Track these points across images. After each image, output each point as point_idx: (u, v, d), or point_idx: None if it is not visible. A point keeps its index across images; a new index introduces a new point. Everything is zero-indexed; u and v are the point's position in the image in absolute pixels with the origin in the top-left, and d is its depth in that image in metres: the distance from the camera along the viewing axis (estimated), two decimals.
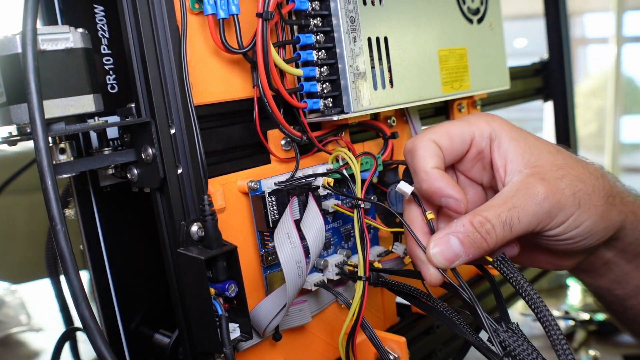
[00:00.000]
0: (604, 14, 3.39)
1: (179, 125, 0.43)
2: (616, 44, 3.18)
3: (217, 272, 0.43)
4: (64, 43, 0.39)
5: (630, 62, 3.48)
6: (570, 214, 0.46)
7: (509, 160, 0.48)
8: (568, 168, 0.48)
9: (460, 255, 0.44)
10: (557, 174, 0.47)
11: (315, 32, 0.50)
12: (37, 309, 1.12)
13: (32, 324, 1.07)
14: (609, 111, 3.29)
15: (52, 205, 0.36)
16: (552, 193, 0.45)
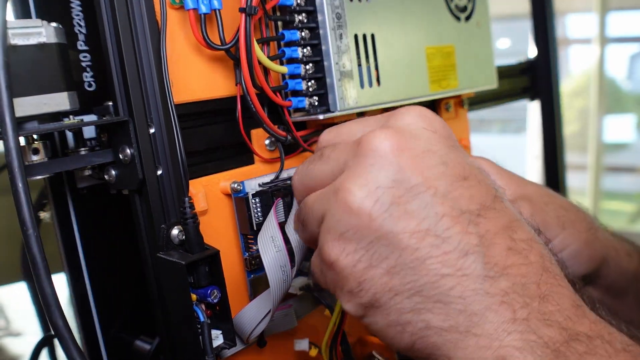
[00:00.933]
0: (586, 15, 3.42)
1: (158, 124, 0.41)
2: (599, 45, 3.20)
3: (199, 277, 0.41)
4: (36, 37, 0.37)
5: (612, 63, 3.51)
6: (555, 235, 0.47)
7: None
8: (552, 197, 0.50)
9: None
10: (542, 199, 0.49)
11: (300, 29, 0.49)
12: (16, 313, 1.09)
13: (11, 328, 1.04)
14: (592, 111, 3.31)
15: (23, 208, 0.34)
16: (538, 212, 0.46)
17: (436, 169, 0.34)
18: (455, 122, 0.72)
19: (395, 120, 0.36)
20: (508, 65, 0.93)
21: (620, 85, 4.05)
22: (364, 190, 0.33)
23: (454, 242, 0.32)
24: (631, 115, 4.03)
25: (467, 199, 0.33)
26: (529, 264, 0.33)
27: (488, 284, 0.32)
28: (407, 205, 0.33)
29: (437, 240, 0.32)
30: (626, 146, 3.97)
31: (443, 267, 0.32)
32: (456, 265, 0.32)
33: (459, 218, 0.33)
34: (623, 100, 4.10)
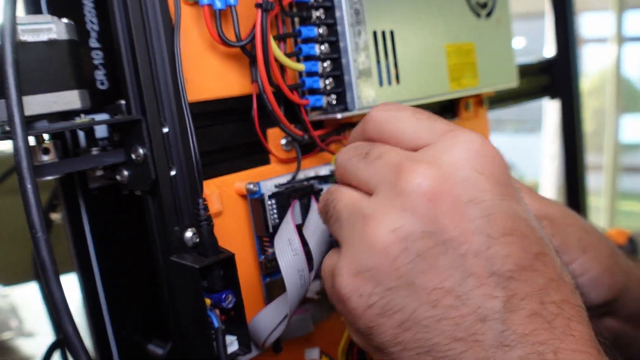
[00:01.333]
0: (602, 13, 3.37)
1: (171, 123, 0.40)
2: (616, 43, 3.16)
3: (213, 281, 0.40)
4: (47, 34, 0.36)
5: (628, 62, 3.47)
6: (575, 258, 0.46)
7: None
8: (574, 219, 0.49)
9: None
10: (564, 221, 0.48)
11: (318, 25, 0.47)
12: (29, 313, 1.09)
13: (24, 329, 1.04)
14: (609, 111, 3.27)
15: (32, 210, 0.33)
16: (559, 233, 0.46)
17: (476, 222, 0.31)
18: (474, 122, 0.71)
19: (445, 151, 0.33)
20: (527, 64, 0.91)
21: (635, 85, 4.00)
22: (393, 235, 0.31)
23: (473, 305, 0.30)
24: None
25: (503, 258, 0.31)
26: (551, 330, 0.30)
27: (501, 352, 0.30)
28: (435, 259, 0.31)
29: (457, 301, 0.30)
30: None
31: (456, 331, 0.30)
32: (471, 329, 0.30)
33: (487, 279, 0.30)
34: (639, 100, 4.05)
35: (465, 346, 0.30)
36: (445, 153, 0.32)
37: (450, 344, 0.30)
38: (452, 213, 0.31)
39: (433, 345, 0.30)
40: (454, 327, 0.30)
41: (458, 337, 0.30)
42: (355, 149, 0.37)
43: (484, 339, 0.30)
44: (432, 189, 0.31)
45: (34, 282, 0.89)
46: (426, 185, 0.31)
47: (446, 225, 0.31)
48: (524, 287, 0.31)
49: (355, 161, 0.36)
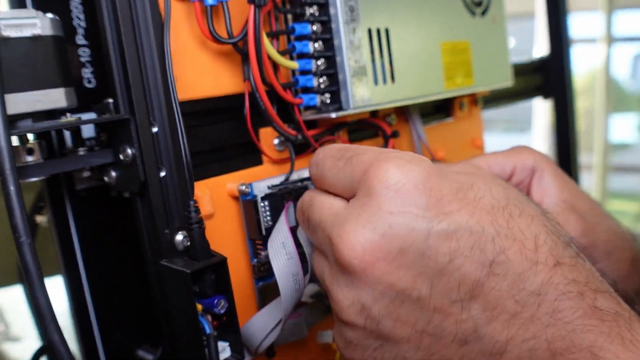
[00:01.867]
0: (591, 14, 3.39)
1: (161, 122, 0.39)
2: (606, 44, 3.17)
3: (205, 286, 0.39)
4: (30, 29, 0.35)
5: (616, 62, 3.49)
6: (599, 261, 0.44)
7: (548, 194, 0.47)
8: (604, 218, 0.47)
9: None
10: (594, 218, 0.46)
11: (312, 22, 0.46)
12: (15, 317, 1.07)
13: (10, 333, 1.02)
14: (598, 111, 3.28)
15: (16, 213, 0.32)
16: (589, 232, 0.44)
17: (414, 267, 0.31)
18: (468, 122, 0.70)
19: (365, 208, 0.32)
20: (521, 63, 0.90)
21: (623, 85, 4.03)
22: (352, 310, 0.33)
23: (450, 335, 0.31)
24: (634, 116, 4.01)
25: (457, 284, 0.31)
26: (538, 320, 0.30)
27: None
28: (396, 313, 0.32)
29: (434, 337, 0.32)
30: (629, 146, 3.95)
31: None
32: (458, 353, 0.31)
33: (450, 309, 0.31)
34: (626, 101, 4.08)
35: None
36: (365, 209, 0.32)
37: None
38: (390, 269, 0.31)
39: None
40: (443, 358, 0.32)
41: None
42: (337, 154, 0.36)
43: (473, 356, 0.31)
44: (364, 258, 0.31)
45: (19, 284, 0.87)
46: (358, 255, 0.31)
47: (390, 282, 0.31)
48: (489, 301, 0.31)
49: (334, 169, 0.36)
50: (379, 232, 0.31)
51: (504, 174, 0.48)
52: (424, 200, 0.31)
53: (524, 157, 0.48)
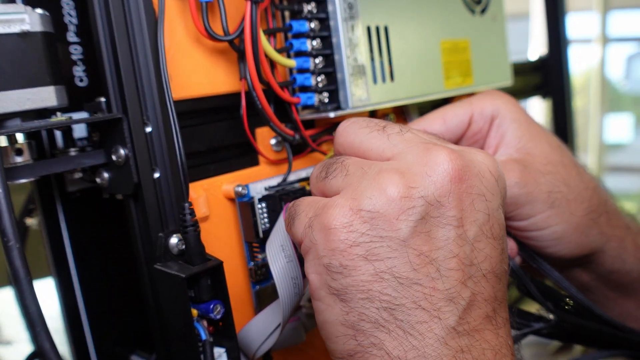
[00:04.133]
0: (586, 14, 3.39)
1: (155, 122, 0.38)
2: (601, 44, 3.18)
3: (201, 291, 0.38)
4: (19, 25, 0.33)
5: (611, 63, 3.49)
6: (539, 211, 0.44)
7: (504, 142, 0.47)
8: (560, 166, 0.46)
9: None
10: (543, 168, 0.45)
11: (310, 19, 0.45)
12: (7, 319, 1.05)
13: (1, 337, 1.01)
14: (593, 111, 3.29)
15: (4, 216, 0.31)
16: (525, 183, 0.44)
17: (477, 214, 0.33)
18: None
19: (470, 152, 0.35)
20: (520, 63, 0.89)
21: (617, 86, 4.04)
22: (407, 191, 0.32)
23: (447, 284, 0.32)
24: (628, 116, 4.02)
25: (485, 255, 0.33)
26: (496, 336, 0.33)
27: (451, 336, 0.31)
28: (433, 228, 0.32)
29: (436, 273, 0.32)
30: (624, 146, 3.96)
31: (423, 300, 0.31)
32: (436, 305, 0.32)
33: (466, 268, 0.32)
34: (620, 101, 4.09)
35: (426, 317, 0.31)
36: (470, 152, 0.35)
37: (414, 310, 0.31)
38: (463, 197, 0.33)
39: (397, 305, 0.31)
40: (422, 296, 0.31)
41: (422, 307, 0.31)
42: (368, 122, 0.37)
43: (443, 317, 0.31)
44: (455, 171, 0.33)
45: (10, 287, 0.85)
46: (451, 164, 0.33)
47: (454, 204, 0.32)
48: (489, 291, 0.33)
49: (368, 131, 0.36)
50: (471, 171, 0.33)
51: (461, 124, 0.48)
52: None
53: (484, 103, 0.48)
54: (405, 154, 0.34)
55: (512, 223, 0.45)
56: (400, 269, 0.31)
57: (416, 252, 0.32)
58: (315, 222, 0.33)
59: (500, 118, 0.47)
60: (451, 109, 0.49)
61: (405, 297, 0.31)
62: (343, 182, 0.34)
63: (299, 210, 0.35)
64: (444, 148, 0.33)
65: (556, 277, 0.47)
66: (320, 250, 0.33)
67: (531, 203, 0.44)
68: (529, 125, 0.47)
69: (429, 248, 0.32)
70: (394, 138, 0.35)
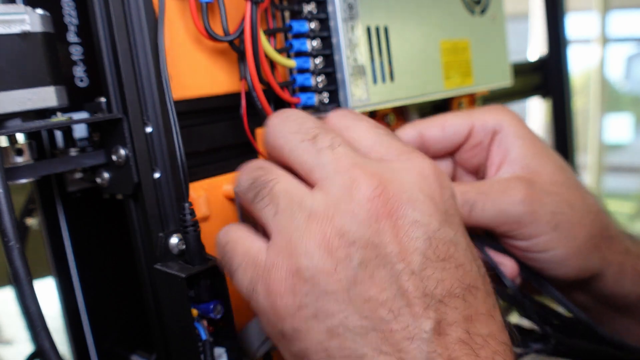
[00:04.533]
0: (585, 14, 3.39)
1: (155, 122, 0.38)
2: (600, 44, 3.18)
3: (201, 291, 0.38)
4: (19, 25, 0.33)
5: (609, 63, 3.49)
6: (542, 233, 0.43)
7: (508, 158, 0.46)
8: (564, 188, 0.45)
9: None
10: (548, 188, 0.44)
11: (310, 19, 0.45)
12: (8, 319, 1.05)
13: (2, 336, 1.01)
14: (593, 111, 3.29)
15: (4, 216, 0.31)
16: (531, 201, 0.43)
17: (417, 242, 0.31)
18: None
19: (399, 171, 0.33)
20: (520, 63, 0.89)
21: (615, 86, 4.04)
22: (340, 240, 0.31)
23: (404, 322, 0.30)
24: (627, 116, 4.03)
25: (436, 281, 0.31)
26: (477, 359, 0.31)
27: None
28: (375, 270, 0.31)
29: (389, 315, 0.30)
30: (624, 146, 3.96)
31: (384, 345, 0.30)
32: (398, 346, 0.30)
33: (420, 299, 0.31)
34: (619, 101, 4.10)
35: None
36: (399, 172, 0.33)
37: (378, 356, 0.30)
38: (396, 231, 0.31)
39: (360, 356, 0.30)
40: (382, 341, 0.30)
41: (385, 351, 0.30)
42: (300, 125, 0.35)
43: (409, 357, 0.30)
44: (382, 204, 0.31)
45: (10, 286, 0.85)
46: (378, 198, 0.31)
47: (388, 241, 0.31)
48: (453, 314, 0.31)
49: (298, 139, 0.34)
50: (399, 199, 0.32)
51: (459, 135, 0.47)
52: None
53: (486, 117, 0.47)
54: (331, 184, 0.32)
55: (514, 242, 0.45)
56: (352, 320, 0.30)
57: (363, 299, 0.30)
58: (258, 287, 0.33)
59: (503, 133, 0.47)
60: (452, 117, 0.48)
61: (365, 345, 0.30)
62: (273, 222, 0.33)
63: (234, 263, 0.34)
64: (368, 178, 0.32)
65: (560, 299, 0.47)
66: (271, 317, 0.32)
67: (535, 223, 0.43)
68: (534, 143, 0.46)
69: (376, 291, 0.31)
70: (324, 155, 0.33)
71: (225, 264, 0.35)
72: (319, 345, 0.31)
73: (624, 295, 0.49)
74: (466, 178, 0.50)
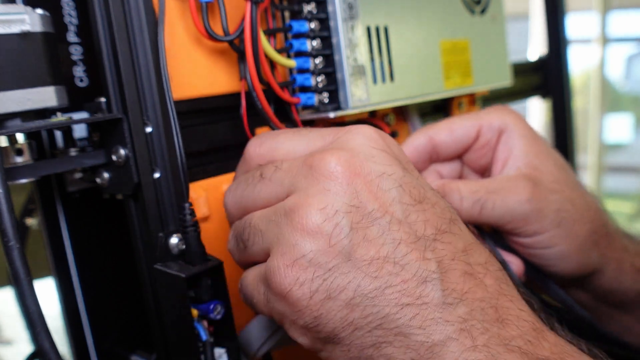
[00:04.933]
0: (585, 14, 3.39)
1: (155, 122, 0.38)
2: (600, 44, 3.18)
3: (201, 291, 0.38)
4: (19, 25, 0.33)
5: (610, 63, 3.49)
6: (546, 230, 0.44)
7: (512, 155, 0.47)
8: (566, 186, 0.46)
9: None
10: (552, 185, 0.45)
11: (310, 19, 0.45)
12: (8, 319, 1.05)
13: (2, 337, 1.01)
14: (593, 111, 3.29)
15: (4, 216, 0.31)
16: (537, 199, 0.44)
17: (391, 193, 0.33)
18: None
19: (346, 141, 0.35)
20: (520, 63, 0.89)
21: (615, 86, 4.04)
22: (322, 214, 0.31)
23: (412, 269, 0.31)
24: (627, 116, 4.02)
25: (423, 223, 0.33)
26: (485, 288, 0.32)
27: (447, 312, 0.31)
28: (366, 231, 0.32)
29: (396, 267, 0.31)
30: (624, 146, 3.96)
31: (403, 297, 0.31)
32: (415, 293, 0.31)
33: (416, 244, 0.32)
34: (619, 101, 4.10)
35: (414, 310, 0.31)
36: (347, 141, 0.34)
37: (400, 311, 0.31)
38: (369, 188, 0.32)
39: (383, 318, 0.31)
40: (399, 294, 0.31)
41: (405, 303, 0.31)
42: (244, 181, 0.37)
43: (429, 300, 0.31)
44: (346, 168, 0.32)
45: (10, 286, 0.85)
46: (340, 166, 0.32)
47: (366, 199, 0.32)
48: (450, 250, 0.32)
49: (250, 189, 0.36)
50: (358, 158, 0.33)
51: (468, 136, 0.48)
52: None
53: (492, 117, 0.48)
54: (296, 184, 0.33)
55: (518, 239, 0.46)
56: (365, 286, 0.31)
57: (367, 261, 0.31)
58: (270, 295, 0.33)
59: (508, 132, 0.48)
60: (459, 120, 0.49)
61: (385, 306, 0.31)
62: (264, 242, 0.34)
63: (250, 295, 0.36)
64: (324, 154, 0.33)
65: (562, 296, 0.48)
66: (290, 316, 0.33)
67: (540, 220, 0.44)
68: (536, 141, 0.48)
69: (375, 250, 0.31)
70: (276, 178, 0.35)
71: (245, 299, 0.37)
72: (343, 322, 0.31)
73: (622, 292, 0.49)
74: (473, 177, 0.51)
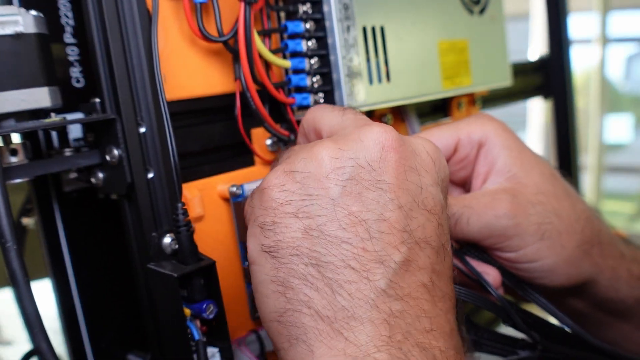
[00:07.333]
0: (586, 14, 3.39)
1: (149, 123, 0.38)
2: (600, 44, 3.17)
3: (193, 290, 0.38)
4: (13, 27, 0.33)
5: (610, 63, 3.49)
6: (529, 243, 0.44)
7: (494, 170, 0.46)
8: (551, 197, 0.45)
9: None
10: (534, 198, 0.45)
11: (305, 20, 0.45)
12: (7, 319, 1.05)
13: (2, 337, 1.01)
14: (593, 111, 3.28)
15: (2, 218, 0.31)
16: (514, 214, 0.43)
17: (410, 185, 0.34)
18: None
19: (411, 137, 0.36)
20: (521, 63, 0.89)
21: (616, 86, 4.03)
22: (337, 153, 0.33)
23: (378, 246, 0.32)
24: (628, 117, 4.02)
25: (418, 225, 0.33)
26: (434, 307, 0.33)
27: (381, 299, 0.31)
28: (364, 190, 0.33)
29: (366, 234, 0.32)
30: (624, 147, 3.95)
31: (353, 260, 0.32)
32: (365, 266, 0.32)
33: (399, 233, 0.32)
34: (620, 101, 4.09)
35: (355, 277, 0.31)
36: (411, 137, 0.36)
37: (343, 269, 0.31)
38: (396, 165, 0.33)
39: (326, 263, 0.32)
40: (352, 255, 0.32)
41: (351, 267, 0.32)
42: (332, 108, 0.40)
43: (373, 279, 0.31)
44: (388, 141, 0.34)
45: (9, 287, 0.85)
46: (385, 136, 0.34)
47: (386, 170, 0.33)
48: (424, 261, 0.33)
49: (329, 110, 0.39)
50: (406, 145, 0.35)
51: (447, 149, 0.47)
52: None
53: (472, 128, 0.47)
54: (346, 128, 0.36)
55: (502, 254, 0.45)
56: (329, 227, 0.32)
57: (345, 211, 0.32)
58: (255, 190, 0.35)
59: (489, 144, 0.47)
60: (437, 132, 0.48)
61: (334, 254, 0.32)
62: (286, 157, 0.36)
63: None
64: (383, 125, 0.35)
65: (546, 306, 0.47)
66: (256, 211, 0.34)
67: (520, 235, 0.44)
68: (520, 152, 0.47)
69: (359, 209, 0.32)
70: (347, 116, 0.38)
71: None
72: (291, 242, 0.32)
73: (620, 300, 0.48)
74: (452, 190, 0.50)
